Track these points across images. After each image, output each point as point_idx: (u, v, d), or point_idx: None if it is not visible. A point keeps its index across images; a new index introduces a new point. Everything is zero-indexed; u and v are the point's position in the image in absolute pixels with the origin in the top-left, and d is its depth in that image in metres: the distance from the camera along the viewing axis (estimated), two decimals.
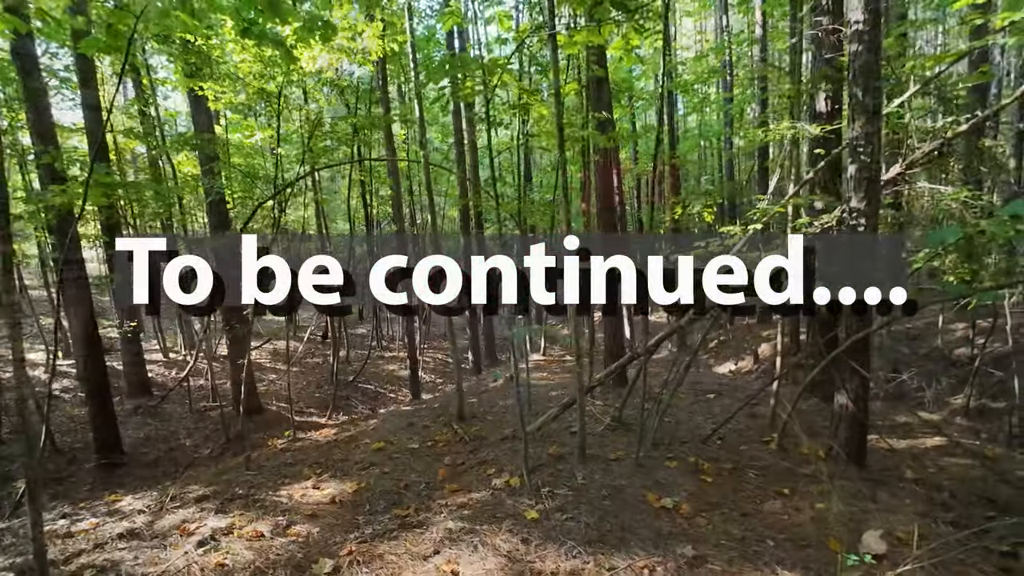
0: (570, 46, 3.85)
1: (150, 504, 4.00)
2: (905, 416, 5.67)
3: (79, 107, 11.57)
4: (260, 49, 5.09)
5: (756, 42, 10.41)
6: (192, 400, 8.00)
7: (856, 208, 3.41)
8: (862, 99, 3.32)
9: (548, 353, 11.85)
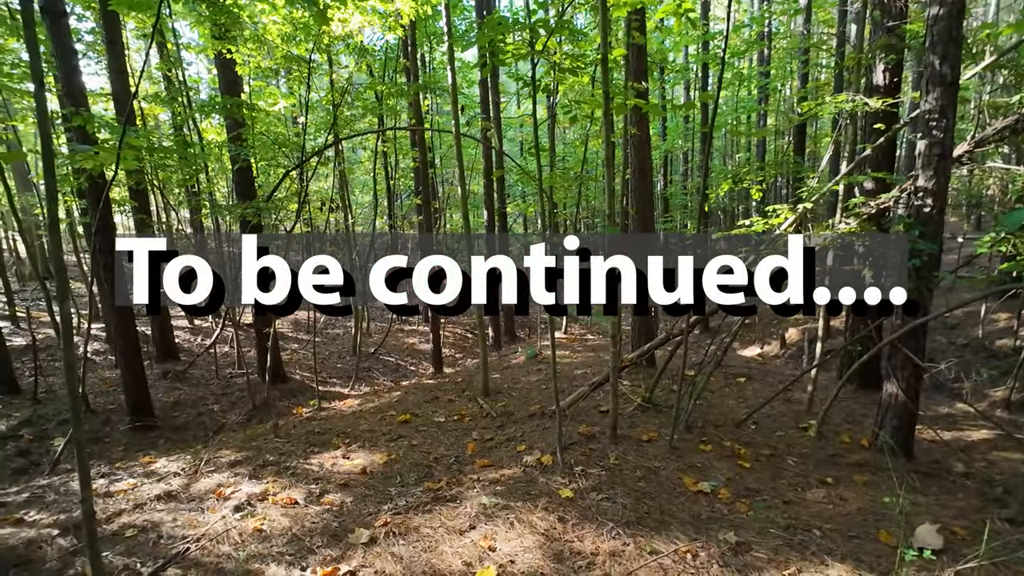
0: (618, 8, 3.62)
1: (184, 467, 4.05)
2: (947, 407, 5.48)
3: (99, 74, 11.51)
4: (291, 10, 4.93)
5: (800, 12, 9.87)
6: (218, 367, 8.11)
7: (924, 187, 3.19)
8: (939, 68, 3.06)
9: (569, 331, 11.76)
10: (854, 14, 6.03)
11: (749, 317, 11.57)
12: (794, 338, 9.59)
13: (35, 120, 10.45)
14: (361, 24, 4.92)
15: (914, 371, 3.49)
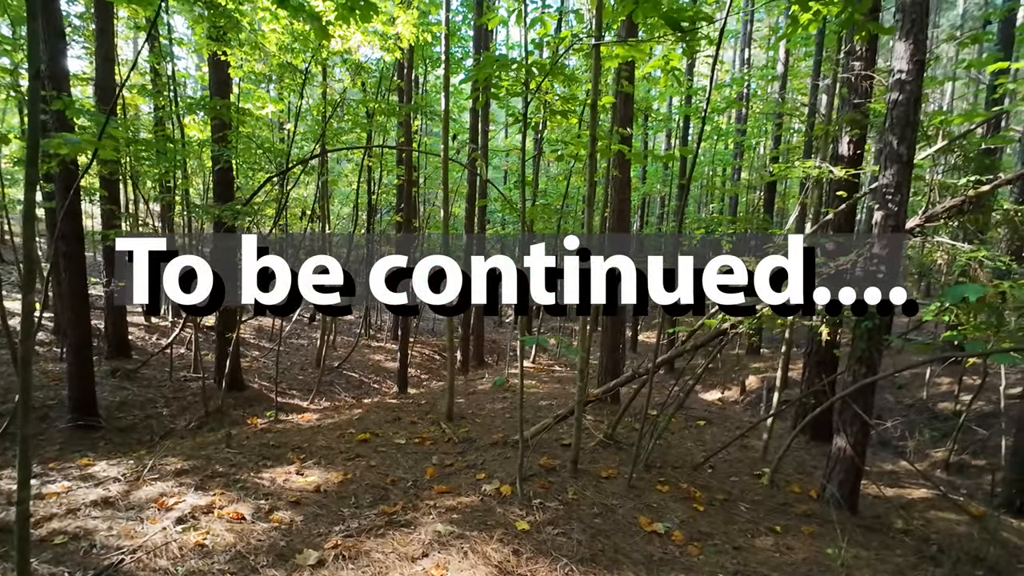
0: (610, 59, 3.83)
1: (125, 472, 3.86)
2: (891, 464, 5.71)
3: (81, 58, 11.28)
4: (292, 22, 5.00)
5: (776, 79, 10.54)
6: (173, 368, 7.79)
7: (878, 254, 3.42)
8: (896, 148, 3.33)
9: (538, 361, 11.80)
10: (825, 87, 6.50)
11: (713, 361, 11.87)
12: (754, 385, 9.87)
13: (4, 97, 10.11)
14: (361, 43, 5.02)
15: (862, 427, 3.66)
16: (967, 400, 7.09)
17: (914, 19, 3.21)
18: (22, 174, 12.30)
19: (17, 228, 13.96)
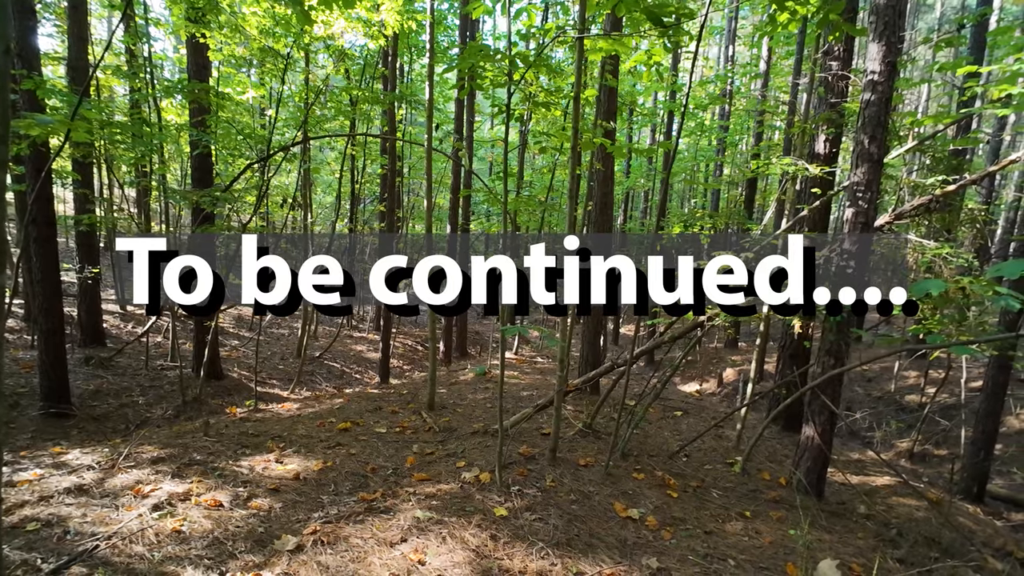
0: (593, 52, 3.85)
1: (100, 460, 3.81)
2: (858, 454, 5.91)
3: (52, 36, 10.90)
4: (274, 5, 4.91)
5: (759, 76, 10.69)
6: (149, 357, 7.67)
7: (848, 250, 3.53)
8: (867, 147, 3.44)
9: (520, 353, 11.87)
10: (805, 86, 6.64)
11: (691, 353, 12.08)
12: (731, 378, 10.09)
13: None
14: (344, 29, 4.96)
15: (830, 417, 3.80)
16: (932, 393, 7.36)
17: (887, 21, 3.30)
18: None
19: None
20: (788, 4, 2.87)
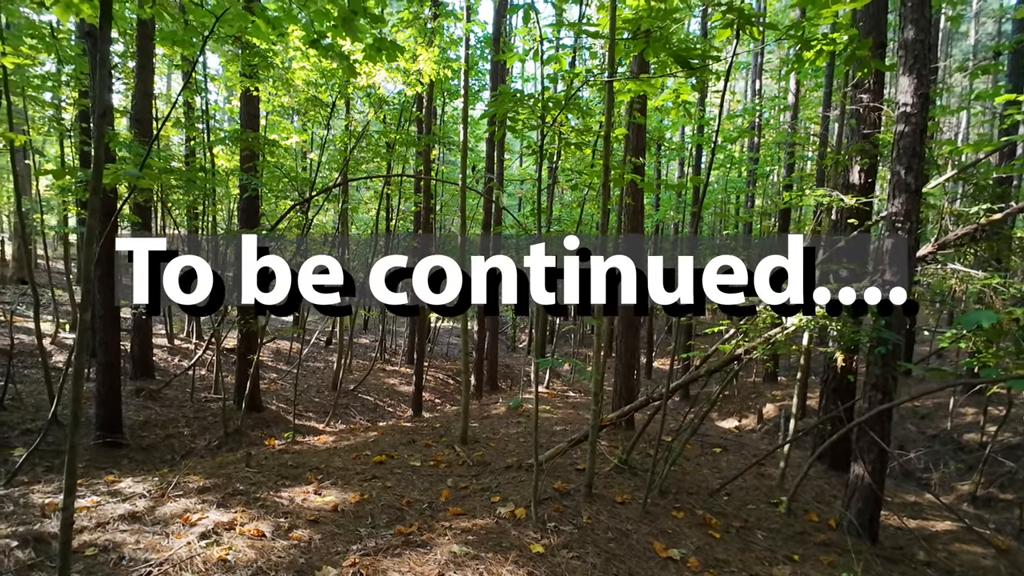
0: (622, 93, 4.00)
1: (150, 489, 3.97)
2: (914, 496, 5.57)
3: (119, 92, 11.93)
4: (321, 60, 5.32)
5: (788, 109, 10.73)
6: (194, 389, 7.97)
7: (890, 281, 3.46)
8: (904, 177, 3.41)
9: (551, 386, 11.77)
10: (836, 117, 6.64)
11: (728, 388, 11.71)
12: (771, 414, 9.72)
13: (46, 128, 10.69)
14: (385, 79, 5.30)
15: (879, 455, 3.63)
16: (992, 431, 6.91)
17: (916, 55, 3.33)
18: (57, 201, 12.88)
19: (52, 252, 14.53)
20: (814, 43, 2.95)
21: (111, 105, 5.66)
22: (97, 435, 5.67)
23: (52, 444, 5.48)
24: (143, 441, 6.27)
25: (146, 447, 6.14)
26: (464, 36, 5.13)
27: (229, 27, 4.31)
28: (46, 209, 14.06)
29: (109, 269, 6.00)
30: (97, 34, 5.26)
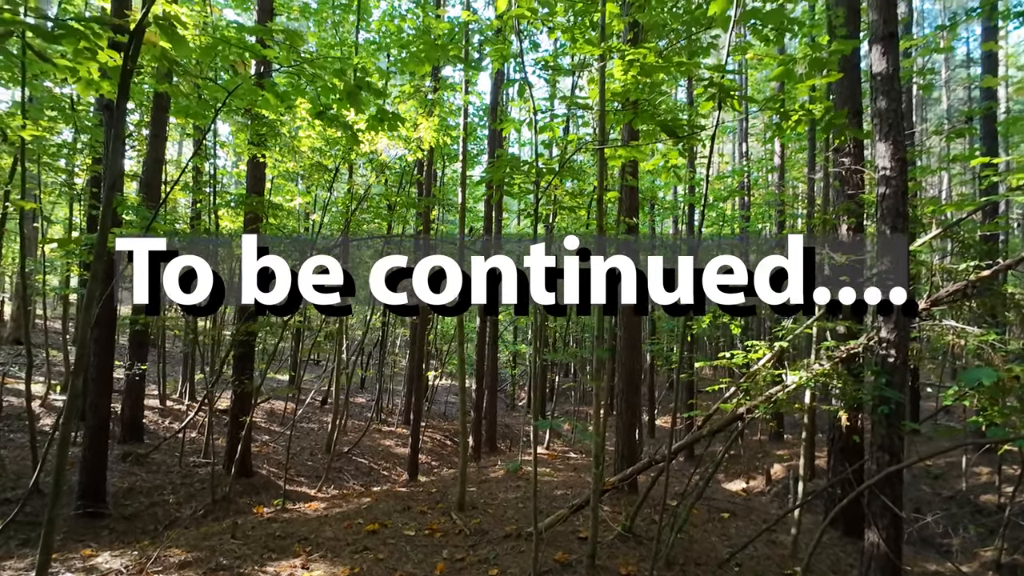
0: (613, 159, 4.17)
1: (128, 565, 3.77)
2: (935, 564, 5.29)
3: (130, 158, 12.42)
4: (326, 129, 5.59)
5: (775, 170, 11.14)
6: (183, 453, 7.73)
7: (887, 339, 3.46)
8: (890, 237, 3.50)
9: (551, 447, 11.44)
10: (821, 178, 6.89)
11: (733, 447, 11.38)
12: (779, 474, 9.40)
13: (57, 192, 11.01)
14: (387, 145, 5.56)
15: (893, 520, 3.48)
16: (1010, 491, 6.67)
17: (890, 123, 3.52)
18: (61, 262, 13.04)
19: (51, 312, 14.53)
20: (792, 114, 3.12)
21: (122, 176, 5.89)
22: (78, 504, 5.43)
23: (30, 515, 5.24)
24: (126, 510, 6.00)
25: (129, 516, 5.88)
26: (463, 106, 5.44)
27: (240, 100, 4.56)
28: (49, 269, 14.22)
29: (108, 331, 5.99)
30: (114, 108, 5.54)
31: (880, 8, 3.67)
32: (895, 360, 3.46)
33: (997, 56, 9.47)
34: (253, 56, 4.17)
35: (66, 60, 3.10)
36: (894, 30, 3.77)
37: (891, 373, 3.44)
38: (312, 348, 12.29)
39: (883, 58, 3.65)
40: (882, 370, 3.46)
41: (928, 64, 14.46)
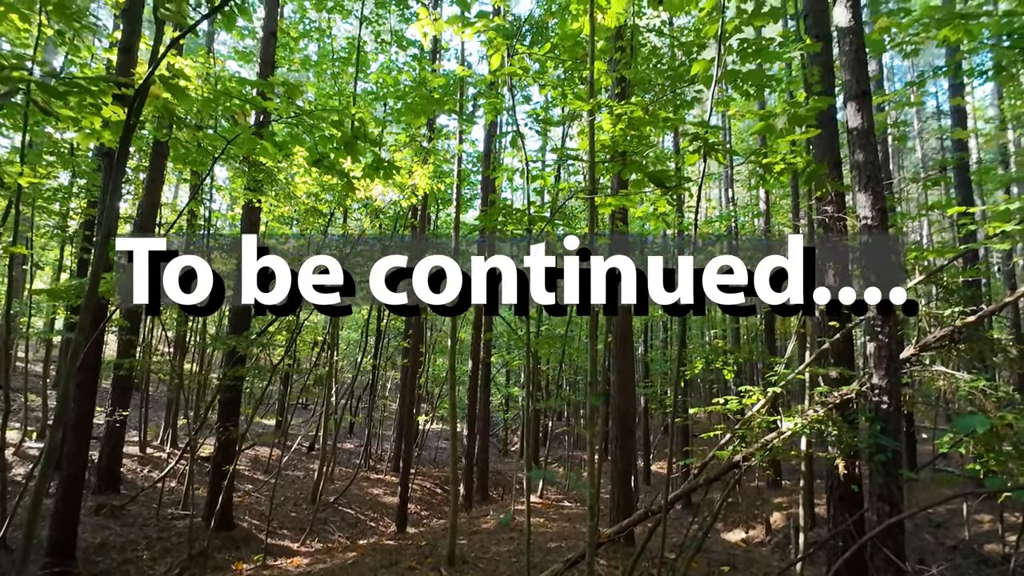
0: (604, 207, 4.28)
1: None
2: None
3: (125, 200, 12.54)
4: (322, 175, 5.70)
5: (761, 215, 11.44)
6: (161, 504, 7.40)
7: (879, 385, 3.47)
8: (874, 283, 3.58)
9: (545, 496, 11.10)
10: (806, 224, 7.07)
11: (731, 495, 11.11)
12: (779, 523, 9.15)
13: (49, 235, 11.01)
14: (382, 192, 5.67)
15: (897, 574, 3.38)
16: (1013, 540, 6.53)
17: (868, 175, 3.66)
18: (47, 305, 12.87)
19: (32, 355, 14.21)
20: (775, 166, 3.25)
21: (116, 224, 5.91)
22: (46, 562, 5.14)
23: None
24: (96, 567, 5.69)
25: (98, 574, 5.56)
26: (457, 155, 5.59)
27: (239, 149, 4.66)
28: (35, 311, 14.01)
29: (91, 376, 5.85)
30: (114, 158, 5.61)
31: (852, 69, 3.89)
32: (888, 406, 3.45)
33: (965, 110, 9.98)
34: (253, 107, 4.30)
35: (69, 110, 3.18)
36: (866, 88, 3.98)
37: (885, 420, 3.43)
38: (301, 393, 12.06)
39: (858, 114, 3.84)
40: (876, 417, 3.45)
41: (901, 116, 15.18)
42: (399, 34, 10.05)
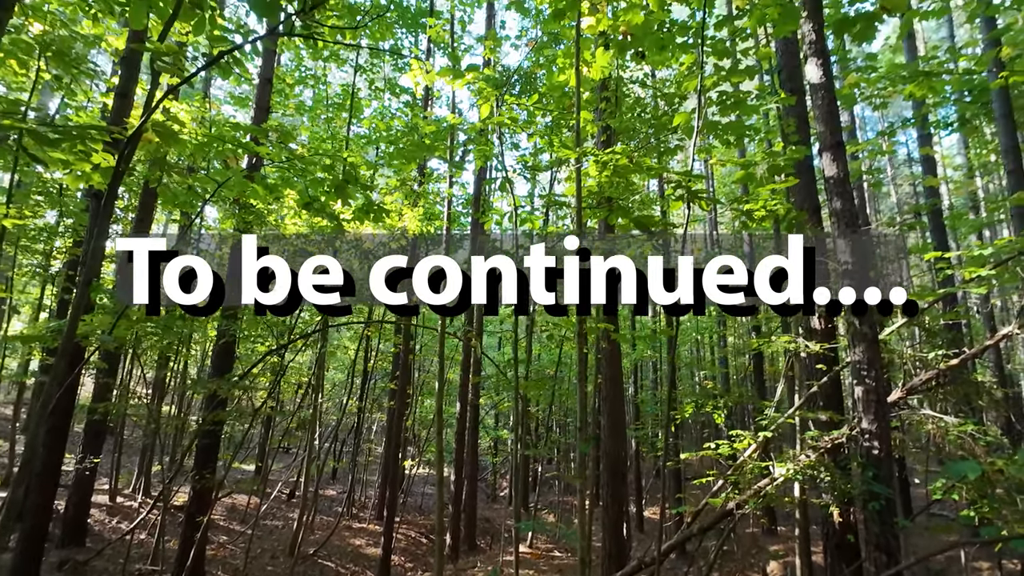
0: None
1: None
2: None
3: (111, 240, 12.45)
4: (312, 217, 5.75)
5: (745, 257, 11.68)
6: (129, 559, 6.97)
7: (868, 430, 3.46)
8: (860, 327, 3.62)
9: (535, 545, 10.69)
10: None
11: (726, 542, 10.79)
12: (776, 573, 8.87)
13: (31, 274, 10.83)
14: (372, 233, 5.71)
15: None
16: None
17: (846, 221, 3.77)
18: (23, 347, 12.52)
19: (3, 397, 13.68)
20: (756, 213, 3.34)
21: (100, 270, 5.85)
22: None
23: None
24: None
25: None
26: (447, 198, 5.69)
27: (230, 191, 4.69)
28: (9, 352, 13.59)
29: (63, 420, 5.62)
30: (102, 201, 5.62)
31: (826, 121, 4.07)
32: (879, 452, 3.43)
33: (934, 158, 10.45)
34: (246, 152, 4.36)
35: (60, 152, 3.20)
36: (840, 139, 4.15)
37: (877, 466, 3.39)
38: (284, 437, 11.69)
39: (833, 163, 3.99)
40: (868, 463, 3.42)
41: (875, 164, 15.84)
42: (392, 82, 10.39)
